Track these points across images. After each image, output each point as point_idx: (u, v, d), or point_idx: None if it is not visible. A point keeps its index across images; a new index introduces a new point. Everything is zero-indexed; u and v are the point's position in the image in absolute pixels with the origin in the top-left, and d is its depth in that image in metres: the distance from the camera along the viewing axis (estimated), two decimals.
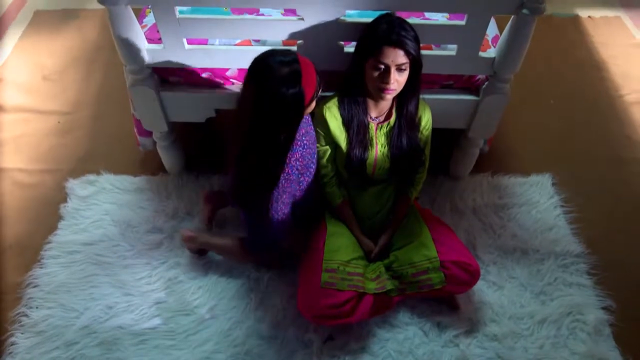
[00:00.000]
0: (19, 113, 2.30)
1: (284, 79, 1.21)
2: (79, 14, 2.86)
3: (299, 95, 1.23)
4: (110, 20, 1.43)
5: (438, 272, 1.53)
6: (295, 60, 1.23)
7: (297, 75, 1.21)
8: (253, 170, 1.38)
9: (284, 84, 1.21)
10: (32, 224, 1.90)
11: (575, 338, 1.61)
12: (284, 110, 1.26)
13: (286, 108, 1.26)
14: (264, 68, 1.23)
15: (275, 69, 1.21)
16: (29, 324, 1.63)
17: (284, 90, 1.21)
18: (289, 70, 1.21)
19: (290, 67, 1.22)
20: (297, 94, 1.22)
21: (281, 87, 1.21)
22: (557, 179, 2.05)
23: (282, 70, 1.21)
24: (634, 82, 2.48)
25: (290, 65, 1.22)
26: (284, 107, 1.25)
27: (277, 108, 1.25)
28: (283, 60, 1.23)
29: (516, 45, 1.46)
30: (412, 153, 1.58)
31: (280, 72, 1.21)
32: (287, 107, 1.25)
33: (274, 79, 1.21)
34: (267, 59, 1.24)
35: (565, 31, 2.78)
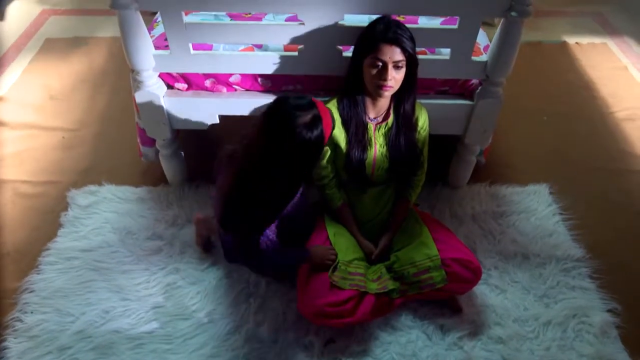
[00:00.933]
0: (25, 129, 2.35)
1: (307, 125, 1.23)
2: (88, 41, 2.98)
3: (320, 137, 1.26)
4: (120, 24, 1.50)
5: (439, 270, 1.52)
6: (312, 105, 1.27)
7: (318, 119, 1.25)
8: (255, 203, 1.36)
9: (308, 129, 1.23)
10: (31, 232, 1.90)
11: (582, 340, 1.58)
12: (308, 153, 1.30)
13: (309, 151, 1.29)
14: (283, 116, 1.24)
15: (297, 116, 1.23)
16: (22, 329, 1.59)
17: (309, 135, 1.23)
18: (310, 116, 1.24)
19: (311, 113, 1.25)
20: (319, 136, 1.25)
21: (306, 132, 1.23)
22: (554, 188, 2.08)
23: (304, 116, 1.23)
24: (623, 100, 2.56)
25: (310, 110, 1.25)
26: (307, 151, 1.28)
27: (301, 152, 1.27)
28: (301, 105, 1.26)
29: (506, 47, 1.53)
30: (410, 153, 1.61)
31: (302, 119, 1.23)
32: (310, 150, 1.29)
33: (297, 125, 1.22)
34: (283, 106, 1.26)
35: (555, 56, 2.90)
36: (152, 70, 1.66)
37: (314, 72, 1.65)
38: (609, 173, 2.18)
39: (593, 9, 3.35)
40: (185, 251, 1.82)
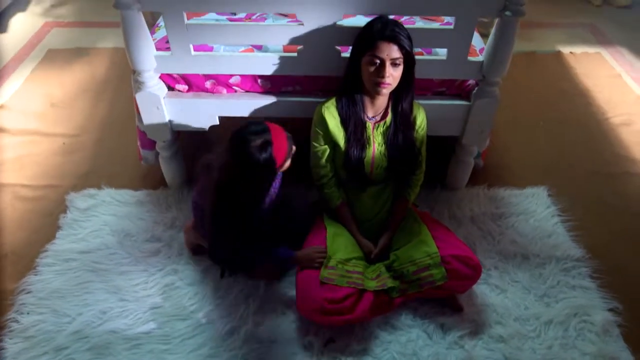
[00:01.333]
0: (26, 136, 2.37)
1: (257, 148, 1.36)
2: (89, 51, 3.02)
3: (269, 160, 1.38)
4: (123, 24, 1.53)
5: (439, 267, 1.51)
6: (265, 130, 1.39)
7: (267, 144, 1.37)
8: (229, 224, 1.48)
9: (258, 152, 1.36)
10: (30, 235, 1.89)
11: (584, 339, 1.56)
12: (258, 174, 1.42)
13: (260, 172, 1.41)
14: (239, 140, 1.39)
15: (250, 140, 1.36)
16: (18, 329, 1.58)
17: (258, 156, 1.36)
18: (261, 141, 1.36)
19: (262, 137, 1.37)
20: (268, 159, 1.37)
21: (256, 154, 1.36)
22: (552, 191, 2.08)
23: (256, 142, 1.36)
24: (618, 106, 2.59)
25: (262, 135, 1.37)
26: (258, 171, 1.40)
27: (252, 172, 1.40)
28: (256, 131, 1.38)
29: (502, 47, 1.56)
30: (408, 151, 1.63)
31: (253, 142, 1.36)
32: (261, 171, 1.41)
33: (249, 148, 1.36)
34: (242, 132, 1.40)
35: (549, 65, 2.95)
36: (154, 71, 1.68)
37: (313, 73, 1.68)
38: (606, 176, 2.19)
39: (586, 21, 3.42)
40: (184, 253, 1.81)
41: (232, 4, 1.52)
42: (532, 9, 3.57)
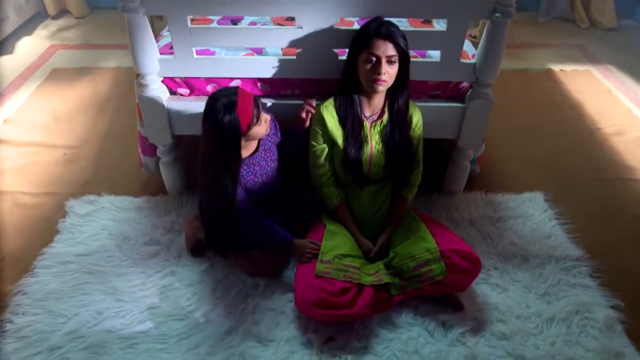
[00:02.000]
0: (28, 147, 2.40)
1: (219, 108, 1.43)
2: (93, 71, 3.10)
3: (233, 121, 1.43)
4: (128, 27, 1.59)
5: (439, 262, 1.51)
6: (233, 93, 1.45)
7: (232, 104, 1.43)
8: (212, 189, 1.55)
9: (222, 112, 1.43)
10: (28, 239, 1.89)
11: (587, 335, 1.54)
12: (223, 134, 1.46)
13: (224, 132, 1.45)
14: (209, 100, 1.47)
15: (216, 102, 1.44)
16: (12, 330, 1.55)
17: (221, 116, 1.42)
18: (224, 101, 1.43)
19: (227, 99, 1.44)
20: (231, 120, 1.43)
21: (218, 114, 1.42)
22: (548, 196, 2.10)
23: (222, 102, 1.43)
24: (609, 118, 2.65)
25: (228, 97, 1.44)
26: (222, 132, 1.45)
27: (217, 132, 1.46)
28: (224, 94, 1.46)
29: (493, 48, 1.62)
30: (405, 149, 1.66)
31: (220, 104, 1.43)
32: (225, 130, 1.44)
33: (216, 110, 1.43)
34: (213, 95, 1.48)
35: (541, 81, 3.03)
36: (157, 74, 1.73)
37: (311, 75, 1.73)
38: (601, 182, 2.21)
39: (574, 42, 3.54)
40: (182, 255, 1.80)
41: (232, 8, 1.59)
42: (522, 31, 3.73)
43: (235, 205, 1.55)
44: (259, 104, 1.50)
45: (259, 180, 1.65)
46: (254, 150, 1.64)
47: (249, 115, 1.47)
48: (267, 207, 1.70)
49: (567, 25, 3.82)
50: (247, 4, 1.58)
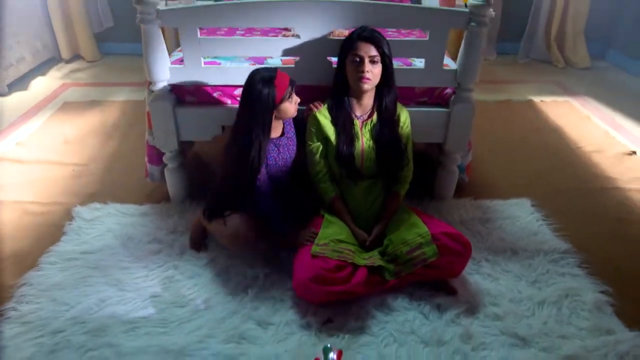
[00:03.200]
0: (39, 164, 2.51)
1: (261, 80, 1.61)
2: (102, 104, 3.29)
3: (269, 92, 1.60)
4: (144, 37, 1.77)
5: (430, 245, 1.59)
6: (273, 70, 1.65)
7: (271, 78, 1.61)
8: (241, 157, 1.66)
9: (261, 83, 1.60)
10: (34, 240, 1.95)
11: (578, 316, 1.59)
12: (259, 103, 1.61)
13: (260, 101, 1.60)
14: (252, 74, 1.65)
15: (258, 74, 1.63)
16: (15, 316, 1.58)
17: (260, 87, 1.60)
18: (265, 75, 1.62)
19: (267, 73, 1.63)
20: (269, 91, 1.60)
21: (258, 85, 1.60)
22: (535, 202, 2.20)
23: (262, 75, 1.63)
24: (589, 138, 2.82)
25: (269, 72, 1.64)
26: (259, 101, 1.60)
27: (254, 101, 1.61)
28: (265, 69, 1.66)
29: (471, 54, 1.81)
30: (394, 145, 1.79)
31: (260, 76, 1.62)
32: (261, 100, 1.60)
33: (256, 81, 1.61)
34: (255, 70, 1.67)
35: (523, 110, 3.24)
36: (167, 82, 1.89)
37: (308, 82, 1.89)
38: (584, 191, 2.33)
39: (553, 79, 3.81)
40: (185, 252, 1.87)
41: (238, 19, 1.79)
42: (503, 71, 4.02)
43: (257, 174, 1.67)
44: (293, 84, 1.67)
45: (279, 162, 1.77)
46: (280, 135, 1.77)
47: (284, 89, 1.63)
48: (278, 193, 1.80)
49: (545, 65, 4.12)
50: (250, 16, 1.78)
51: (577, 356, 1.44)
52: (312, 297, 1.56)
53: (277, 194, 1.79)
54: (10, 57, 3.47)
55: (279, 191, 1.80)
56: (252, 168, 1.64)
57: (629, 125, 3.04)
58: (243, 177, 1.67)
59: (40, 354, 1.45)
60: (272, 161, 1.76)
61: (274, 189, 1.78)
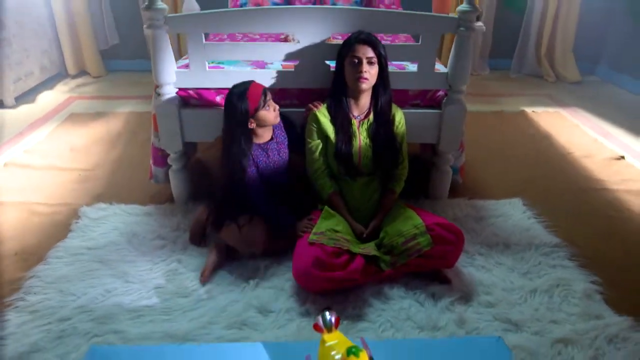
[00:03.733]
0: (46, 170, 2.58)
1: (235, 93, 1.76)
2: (107, 115, 3.39)
3: (243, 106, 1.74)
4: (152, 42, 1.87)
5: (425, 235, 1.66)
6: (248, 82, 1.78)
7: (244, 92, 1.74)
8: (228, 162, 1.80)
9: (235, 98, 1.75)
10: (41, 238, 2.01)
11: (569, 303, 1.64)
12: (236, 115, 1.75)
13: (237, 113, 1.74)
14: (229, 90, 1.80)
15: (233, 90, 1.78)
16: (23, 306, 1.63)
17: (234, 101, 1.74)
18: (239, 88, 1.76)
19: (241, 85, 1.76)
20: (242, 104, 1.74)
21: (233, 99, 1.75)
22: (527, 202, 2.28)
23: (236, 90, 1.76)
24: (578, 145, 2.92)
25: (242, 85, 1.77)
26: (235, 113, 1.74)
27: (230, 118, 1.78)
28: (239, 85, 1.78)
29: (461, 57, 1.91)
30: (390, 144, 1.87)
31: (232, 93, 1.77)
32: (237, 112, 1.74)
33: (231, 96, 1.77)
34: (232, 86, 1.80)
35: (515, 120, 3.35)
36: (173, 85, 1.99)
37: (306, 86, 1.99)
38: (575, 191, 2.41)
39: (545, 92, 3.94)
40: (188, 247, 1.93)
41: (241, 25, 1.90)
42: (496, 85, 4.16)
43: (246, 177, 1.79)
44: (266, 94, 1.77)
45: (270, 164, 1.86)
46: (269, 140, 1.87)
47: (257, 101, 1.74)
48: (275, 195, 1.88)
49: (536, 80, 4.26)
50: (253, 22, 1.89)
51: (568, 339, 1.49)
52: (312, 284, 1.62)
53: (273, 193, 1.87)
54: (19, 72, 3.59)
55: (274, 190, 1.88)
56: (238, 173, 1.78)
57: (617, 132, 3.14)
58: (233, 181, 1.81)
59: (47, 340, 1.49)
60: (262, 165, 1.85)
61: (269, 188, 1.87)
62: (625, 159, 2.74)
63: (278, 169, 1.89)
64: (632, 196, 2.36)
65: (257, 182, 1.84)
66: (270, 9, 1.85)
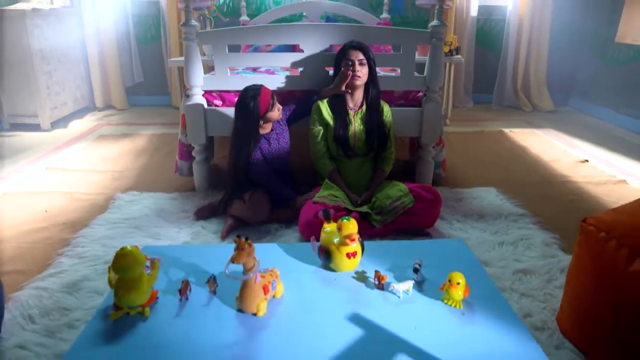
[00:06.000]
0: (82, 172, 2.97)
1: (248, 96, 2.13)
2: (132, 135, 3.83)
3: (255, 105, 2.12)
4: (185, 52, 2.33)
5: (408, 195, 2.02)
6: (258, 88, 2.15)
7: (255, 94, 2.13)
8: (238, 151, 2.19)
9: (248, 98, 2.12)
10: (83, 214, 2.35)
11: (530, 250, 1.97)
12: (248, 114, 2.12)
13: (249, 112, 2.12)
14: (242, 92, 2.17)
15: (247, 92, 2.15)
16: (73, 254, 1.95)
17: (248, 101, 2.12)
18: (252, 92, 2.14)
19: (253, 91, 2.14)
20: (255, 104, 2.12)
21: (246, 100, 2.12)
22: (500, 190, 2.63)
23: (250, 93, 2.14)
24: (548, 153, 3.31)
25: (254, 90, 2.14)
26: (247, 112, 2.13)
27: (243, 113, 2.14)
28: (252, 88, 2.16)
29: (435, 63, 2.36)
30: (379, 130, 2.27)
31: (246, 94, 2.14)
32: (249, 111, 2.12)
33: (243, 97, 2.14)
34: (244, 88, 2.18)
35: (494, 137, 3.76)
36: (201, 88, 2.43)
37: (309, 88, 2.42)
38: (545, 183, 2.76)
39: (523, 119, 4.39)
40: (208, 218, 2.26)
41: (256, 38, 2.37)
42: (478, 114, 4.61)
43: (251, 160, 2.17)
44: (274, 97, 2.18)
45: (272, 150, 2.23)
46: (269, 131, 2.25)
47: (267, 103, 2.13)
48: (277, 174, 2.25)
49: (515, 110, 4.74)
50: (266, 35, 2.36)
51: (527, 270, 1.79)
52: (314, 233, 1.93)
53: (275, 172, 2.25)
54: (56, 101, 4.08)
55: (276, 170, 2.26)
56: (245, 156, 2.17)
57: (583, 144, 3.55)
58: (239, 164, 2.19)
59: (95, 274, 1.80)
60: (265, 150, 2.23)
61: (272, 169, 2.24)
62: (589, 162, 3.12)
63: (279, 154, 2.27)
64: (591, 186, 2.72)
65: (262, 163, 2.21)
66: (281, 25, 2.33)
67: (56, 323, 1.53)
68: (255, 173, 2.22)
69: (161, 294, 1.46)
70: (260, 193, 2.16)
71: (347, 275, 1.50)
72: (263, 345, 1.23)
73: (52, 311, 1.58)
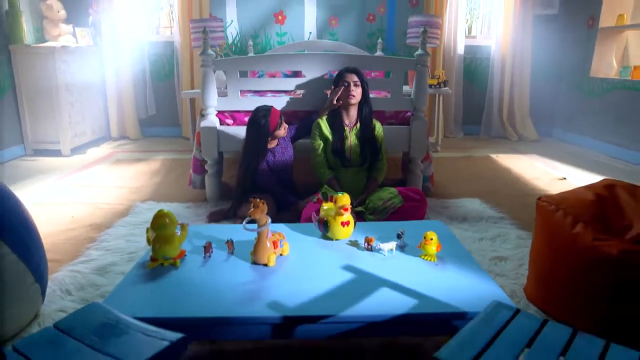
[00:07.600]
0: (102, 187, 3.25)
1: (260, 115, 2.47)
2: (146, 159, 4.14)
3: (265, 123, 2.46)
4: (202, 77, 2.68)
5: (397, 197, 2.30)
6: (268, 109, 2.49)
7: (266, 114, 2.48)
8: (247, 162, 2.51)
9: (260, 117, 2.46)
10: (107, 218, 2.61)
11: (507, 243, 2.22)
12: (259, 131, 2.45)
13: (260, 129, 2.45)
14: (254, 111, 2.51)
15: (258, 112, 2.49)
16: (99, 247, 2.20)
17: (258, 119, 2.45)
18: (263, 112, 2.48)
19: (264, 111, 2.47)
20: (265, 123, 2.47)
21: (258, 118, 2.46)
22: (483, 200, 2.90)
23: (261, 111, 2.48)
24: (530, 173, 3.61)
25: (265, 110, 2.48)
26: (258, 128, 2.45)
27: (254, 129, 2.47)
28: (262, 108, 2.51)
29: (421, 87, 2.70)
30: (372, 144, 2.57)
31: (258, 112, 2.48)
32: (260, 129, 2.45)
33: (256, 115, 2.47)
34: (256, 108, 2.53)
35: (482, 161, 4.07)
36: (215, 108, 2.76)
37: (310, 108, 2.75)
38: (522, 196, 3.03)
39: (509, 147, 4.72)
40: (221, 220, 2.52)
41: (263, 65, 2.73)
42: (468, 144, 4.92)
43: (259, 169, 2.48)
44: (282, 117, 2.52)
45: (277, 161, 2.53)
46: (275, 145, 2.56)
47: (275, 122, 2.47)
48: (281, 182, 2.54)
49: (502, 139, 5.08)
50: (271, 63, 2.72)
51: (502, 257, 2.05)
52: None
53: (279, 181, 2.55)
54: (76, 130, 4.43)
55: (280, 179, 2.56)
56: (254, 166, 2.48)
57: (563, 166, 3.85)
58: (249, 170, 2.49)
59: (121, 261, 2.05)
60: (271, 162, 2.55)
61: (277, 177, 2.55)
62: (567, 179, 3.41)
63: (283, 165, 2.58)
64: None
65: (268, 173, 2.52)
66: (285, 54, 2.69)
67: (90, 295, 1.76)
68: (261, 181, 2.51)
69: (188, 254, 1.69)
70: (267, 197, 2.43)
71: (342, 242, 1.74)
72: (273, 283, 1.45)
73: (86, 286, 1.82)
